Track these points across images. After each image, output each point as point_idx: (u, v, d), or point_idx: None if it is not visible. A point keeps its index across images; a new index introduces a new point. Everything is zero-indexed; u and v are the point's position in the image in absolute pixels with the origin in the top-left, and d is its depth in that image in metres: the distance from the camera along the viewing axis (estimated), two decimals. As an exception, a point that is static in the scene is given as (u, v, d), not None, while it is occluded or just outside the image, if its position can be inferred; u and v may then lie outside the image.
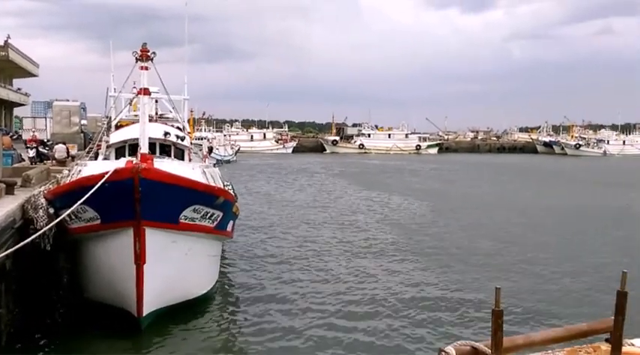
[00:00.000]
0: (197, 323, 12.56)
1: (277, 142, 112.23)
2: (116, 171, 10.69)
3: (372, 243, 21.67)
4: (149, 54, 12.03)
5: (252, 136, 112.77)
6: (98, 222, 11.58)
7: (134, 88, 17.80)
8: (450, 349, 4.57)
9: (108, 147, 17.38)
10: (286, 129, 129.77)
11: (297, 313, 13.16)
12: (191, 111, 36.35)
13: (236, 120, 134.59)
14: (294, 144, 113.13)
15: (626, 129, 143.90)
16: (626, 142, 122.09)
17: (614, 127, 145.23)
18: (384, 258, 19.18)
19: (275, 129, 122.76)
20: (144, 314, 11.48)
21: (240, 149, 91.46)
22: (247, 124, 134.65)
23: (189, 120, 25.77)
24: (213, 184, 13.92)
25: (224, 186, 16.03)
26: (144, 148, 11.55)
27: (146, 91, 12.10)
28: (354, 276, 16.56)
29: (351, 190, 41.49)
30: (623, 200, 36.85)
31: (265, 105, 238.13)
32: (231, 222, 14.69)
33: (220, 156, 66.47)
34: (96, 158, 17.66)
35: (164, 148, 17.13)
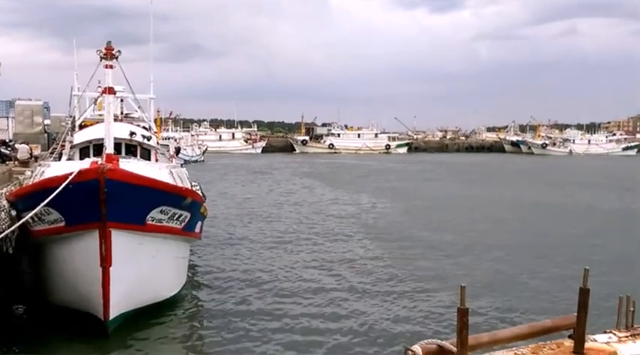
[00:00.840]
0: (165, 326, 12.39)
1: (246, 142, 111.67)
2: (81, 172, 10.48)
3: (340, 243, 21.70)
4: (114, 52, 11.81)
5: (220, 136, 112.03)
6: (62, 224, 11.34)
7: (99, 86, 17.49)
8: (416, 348, 4.59)
9: (72, 147, 17.04)
10: (255, 129, 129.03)
11: (265, 314, 13.08)
12: (157, 111, 35.98)
13: (204, 120, 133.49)
14: (263, 144, 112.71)
15: (591, 128, 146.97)
16: (591, 142, 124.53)
17: (579, 127, 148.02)
18: (352, 257, 19.20)
19: (244, 129, 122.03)
20: (110, 318, 11.28)
21: (209, 149, 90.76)
22: (216, 124, 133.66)
23: (155, 120, 25.49)
24: (180, 185, 13.76)
25: (192, 186, 15.86)
26: (109, 148, 11.34)
27: (111, 90, 11.88)
28: (321, 276, 16.55)
29: (321, 190, 41.50)
30: (585, 198, 37.56)
31: (234, 104, 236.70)
32: (199, 223, 14.53)
33: (188, 156, 65.92)
34: (59, 159, 17.31)
35: (130, 148, 16.87)
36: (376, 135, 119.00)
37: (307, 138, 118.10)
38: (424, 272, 17.13)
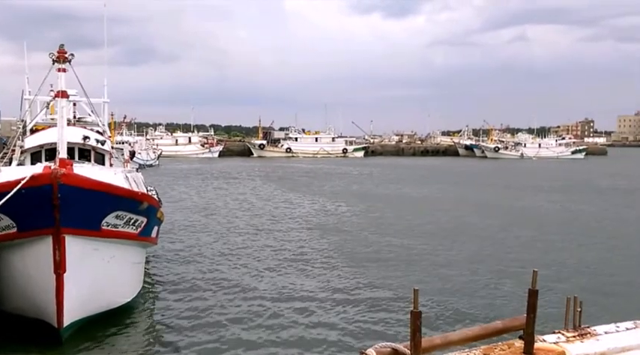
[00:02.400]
0: (120, 333, 12.22)
1: (203, 146, 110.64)
2: (33, 177, 10.27)
3: (296, 245, 21.75)
4: (67, 55, 11.61)
5: (176, 140, 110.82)
6: (14, 230, 11.08)
7: (51, 90, 17.15)
8: (370, 351, 4.66)
9: (23, 152, 16.61)
10: (212, 133, 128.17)
11: (221, 319, 13.02)
12: (111, 115, 35.34)
13: (160, 124, 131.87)
14: (220, 148, 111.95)
15: (542, 132, 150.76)
16: (541, 145, 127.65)
17: (530, 131, 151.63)
18: (308, 261, 19.25)
19: (200, 133, 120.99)
20: (64, 325, 11.08)
21: (165, 153, 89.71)
22: (172, 128, 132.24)
23: (109, 124, 25.06)
24: (136, 189, 13.60)
25: (147, 191, 15.68)
26: (62, 153, 11.12)
27: (64, 94, 11.67)
28: (277, 281, 16.55)
29: (278, 194, 41.47)
30: (533, 200, 38.54)
31: (190, 108, 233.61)
32: (155, 228, 14.39)
33: (142, 160, 64.99)
34: (10, 164, 16.89)
35: (83, 153, 16.59)
36: (333, 139, 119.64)
37: (265, 142, 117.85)
38: (378, 275, 17.28)
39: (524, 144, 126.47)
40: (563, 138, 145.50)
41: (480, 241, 23.16)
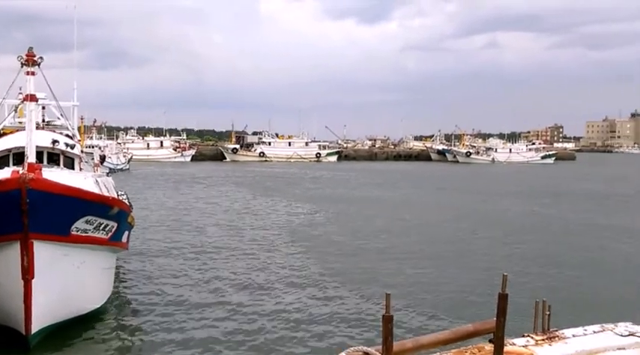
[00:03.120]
0: (90, 340, 12.04)
1: (175, 150, 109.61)
2: (1, 182, 10.10)
3: (269, 251, 21.68)
4: (36, 58, 11.44)
5: (148, 144, 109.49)
6: (-19, 235, 10.86)
7: (20, 93, 16.86)
8: (342, 355, 4.68)
9: (-11, 156, 16.28)
10: (184, 137, 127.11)
11: (193, 325, 12.92)
12: (81, 119, 34.83)
13: (131, 128, 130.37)
14: (192, 152, 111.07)
15: (512, 137, 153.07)
16: (512, 150, 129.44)
17: (501, 136, 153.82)
18: (279, 265, 19.23)
19: (172, 137, 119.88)
20: (32, 332, 10.88)
21: (137, 157, 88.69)
22: (144, 132, 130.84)
23: (79, 128, 24.71)
24: (106, 194, 13.44)
25: (118, 195, 15.51)
26: (31, 157, 10.94)
27: (33, 98, 11.48)
28: (249, 284, 16.49)
29: (251, 198, 41.33)
30: (504, 204, 39.04)
31: (162, 112, 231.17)
32: (126, 233, 14.21)
33: (113, 164, 64.23)
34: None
35: (52, 157, 16.29)
36: (307, 143, 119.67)
37: (238, 146, 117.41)
38: (349, 279, 17.32)
39: (496, 149, 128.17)
40: (534, 144, 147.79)
41: (451, 245, 23.37)
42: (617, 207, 38.33)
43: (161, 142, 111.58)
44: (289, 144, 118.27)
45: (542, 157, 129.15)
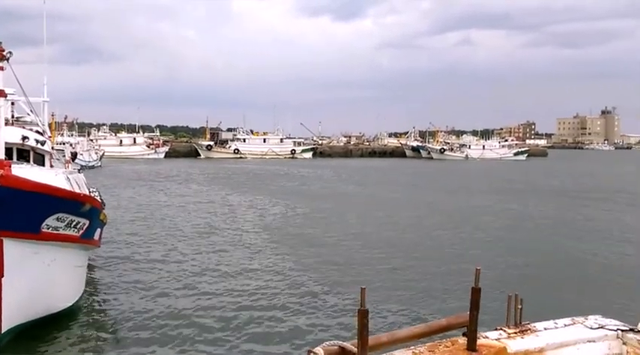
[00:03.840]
0: (62, 338, 11.86)
1: (148, 147, 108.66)
2: (-31, 179, 9.88)
3: (243, 247, 21.63)
4: (4, 53, 11.22)
5: (121, 141, 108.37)
6: (-52, 233, 10.63)
7: (-12, 89, 16.49)
8: (318, 350, 4.67)
9: (-43, 152, 15.95)
10: (158, 134, 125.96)
11: (166, 323, 12.81)
12: (52, 115, 34.29)
13: (104, 124, 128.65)
14: (166, 149, 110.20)
15: (485, 134, 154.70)
16: (485, 147, 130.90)
17: (474, 133, 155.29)
18: (254, 261, 19.19)
19: (146, 134, 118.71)
20: (2, 331, 10.67)
21: (109, 154, 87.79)
22: (117, 128, 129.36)
23: (50, 124, 24.29)
24: (78, 191, 13.25)
25: (90, 192, 15.30)
26: (0, 154, 10.76)
27: (1, 93, 11.28)
28: (224, 282, 16.42)
29: (225, 195, 41.13)
30: (477, 200, 39.47)
31: (136, 108, 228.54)
32: (98, 230, 14.06)
33: (84, 161, 63.41)
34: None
35: (22, 153, 16.02)
36: (282, 140, 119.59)
37: (212, 143, 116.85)
38: (325, 274, 17.37)
39: (469, 146, 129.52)
40: (506, 140, 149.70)
41: (425, 240, 23.56)
42: (585, 203, 38.97)
43: (134, 139, 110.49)
44: (264, 140, 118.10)
45: (515, 154, 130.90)
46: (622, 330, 6.94)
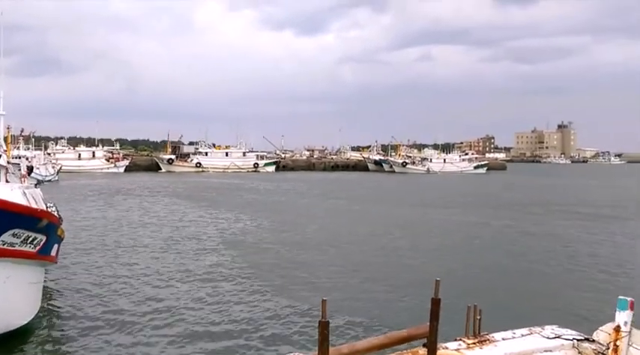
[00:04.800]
0: (16, 357, 11.56)
1: (108, 161, 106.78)
2: None
3: (202, 260, 21.43)
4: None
5: (80, 155, 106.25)
6: None
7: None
8: (280, 361, 4.68)
9: None
10: (118, 148, 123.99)
11: (124, 339, 12.60)
12: (8, 128, 33.49)
13: (62, 138, 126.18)
14: (126, 162, 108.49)
15: (446, 148, 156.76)
16: (446, 161, 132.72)
17: (435, 146, 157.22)
18: (213, 273, 19.04)
19: (105, 147, 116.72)
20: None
21: (67, 168, 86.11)
22: (75, 142, 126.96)
23: (5, 138, 23.71)
24: (35, 206, 12.96)
25: (47, 207, 14.98)
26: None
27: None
28: (184, 295, 16.24)
29: (186, 209, 40.66)
30: (437, 214, 39.96)
31: (95, 122, 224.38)
32: (55, 246, 13.76)
33: (41, 175, 61.98)
34: None
35: None
36: (244, 153, 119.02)
37: (173, 156, 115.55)
38: (286, 286, 17.33)
39: (431, 160, 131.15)
40: (467, 154, 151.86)
41: (385, 252, 23.71)
42: (543, 216, 39.82)
43: (93, 153, 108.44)
44: (226, 154, 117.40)
45: (475, 167, 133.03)
46: (578, 340, 7.12)
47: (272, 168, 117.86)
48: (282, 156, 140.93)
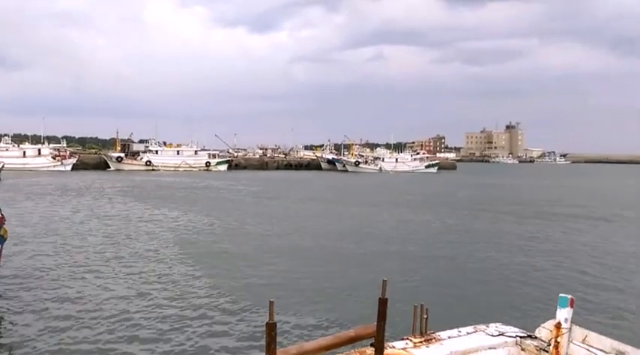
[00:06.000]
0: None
1: (54, 159, 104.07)
2: None
3: (151, 262, 21.00)
4: None
5: (24, 152, 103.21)
6: None
7: None
8: (225, 364, 4.61)
9: None
10: (64, 145, 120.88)
11: (68, 345, 12.27)
12: (-52, 125, 32.25)
13: (6, 135, 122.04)
14: (73, 160, 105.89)
15: (398, 147, 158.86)
16: (398, 160, 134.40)
17: (388, 146, 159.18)
18: (163, 276, 18.68)
19: (52, 145, 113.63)
20: None
21: (11, 167, 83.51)
22: (20, 139, 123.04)
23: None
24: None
25: (-12, 207, 14.49)
26: None
27: None
28: (133, 299, 15.88)
29: (135, 209, 39.93)
30: (385, 211, 40.38)
31: (40, 119, 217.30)
32: (-4, 247, 13.31)
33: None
34: None
35: None
36: (196, 152, 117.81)
37: (123, 154, 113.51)
38: (233, 287, 17.17)
39: (383, 159, 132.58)
40: (418, 154, 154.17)
41: (333, 251, 23.77)
42: (491, 215, 40.69)
43: (39, 150, 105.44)
44: (177, 152, 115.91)
45: (426, 167, 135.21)
46: (520, 337, 7.29)
47: (224, 167, 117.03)
48: (235, 154, 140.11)
